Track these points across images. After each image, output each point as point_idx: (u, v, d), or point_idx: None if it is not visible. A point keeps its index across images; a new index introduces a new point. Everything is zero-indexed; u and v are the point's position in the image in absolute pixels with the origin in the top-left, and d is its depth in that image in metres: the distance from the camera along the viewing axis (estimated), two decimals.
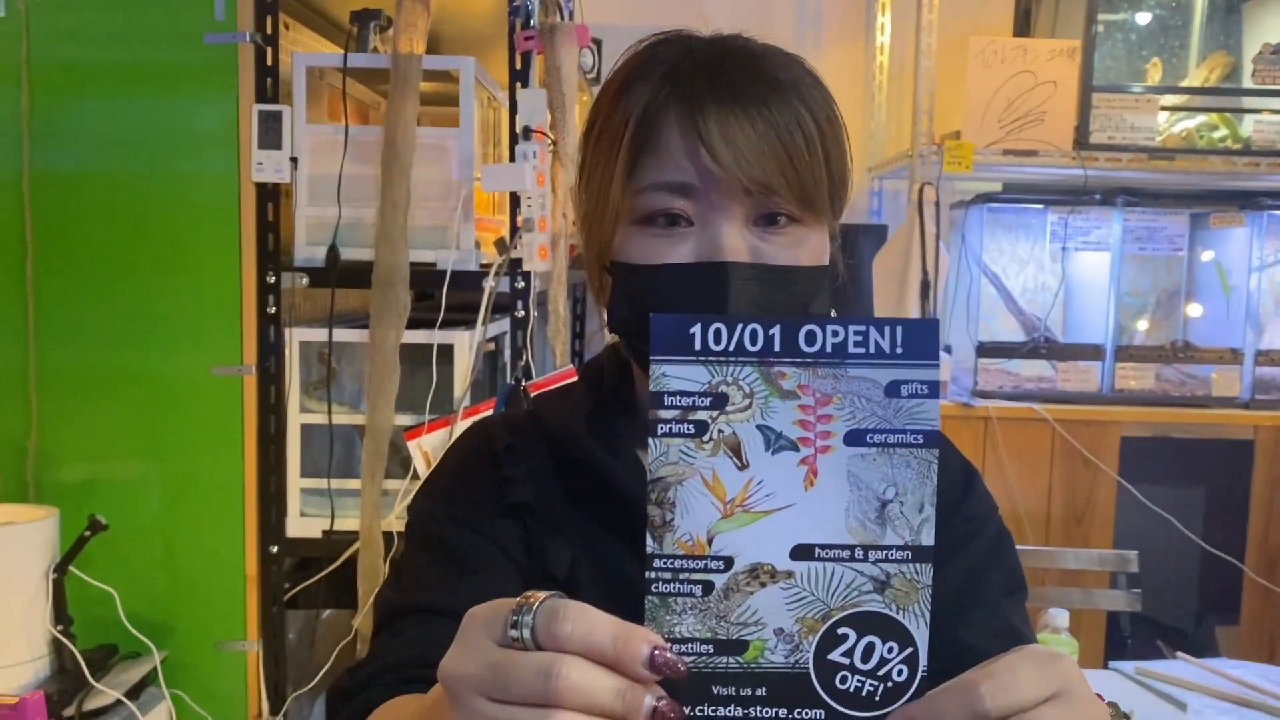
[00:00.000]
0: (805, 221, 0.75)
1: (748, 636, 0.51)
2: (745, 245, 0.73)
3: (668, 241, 0.74)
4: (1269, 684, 1.67)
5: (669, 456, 0.52)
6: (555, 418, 0.82)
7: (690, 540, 0.51)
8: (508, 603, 0.48)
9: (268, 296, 1.96)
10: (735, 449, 0.51)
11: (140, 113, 1.97)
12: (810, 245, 0.76)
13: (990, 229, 3.16)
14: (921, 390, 0.51)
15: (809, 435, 0.51)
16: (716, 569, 0.51)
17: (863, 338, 0.52)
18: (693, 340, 0.52)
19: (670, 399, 0.52)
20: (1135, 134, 2.91)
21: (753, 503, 0.51)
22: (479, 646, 0.48)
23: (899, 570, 0.51)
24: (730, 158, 0.71)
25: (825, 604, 0.51)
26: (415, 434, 1.95)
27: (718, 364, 0.52)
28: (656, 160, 0.73)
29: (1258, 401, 2.95)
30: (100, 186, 1.97)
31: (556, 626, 0.46)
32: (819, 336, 0.52)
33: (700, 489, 0.51)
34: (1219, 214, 3.01)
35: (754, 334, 0.52)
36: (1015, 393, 2.98)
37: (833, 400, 0.52)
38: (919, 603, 0.51)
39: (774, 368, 0.52)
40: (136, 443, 1.99)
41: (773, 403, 0.51)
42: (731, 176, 0.71)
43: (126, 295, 1.97)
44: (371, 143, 1.95)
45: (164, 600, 1.98)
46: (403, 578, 0.80)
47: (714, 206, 0.73)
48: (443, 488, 0.84)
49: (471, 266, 1.98)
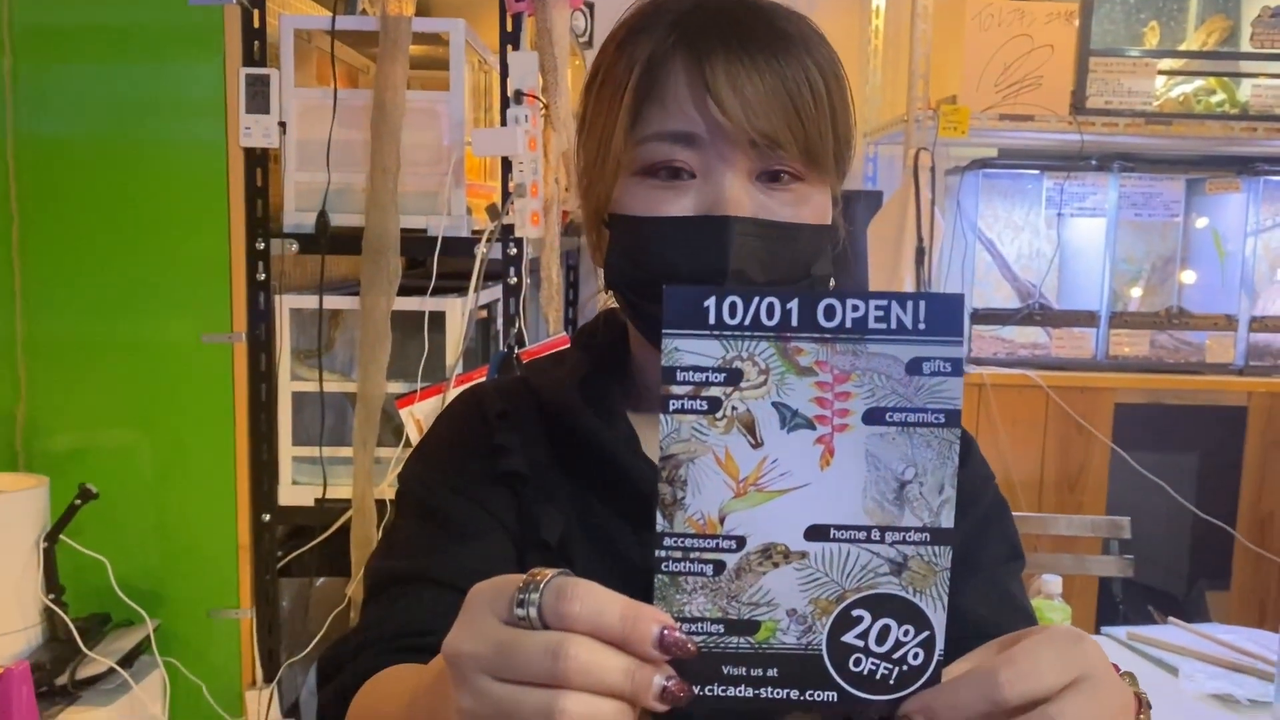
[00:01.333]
0: (809, 179, 0.73)
1: (759, 617, 0.50)
2: (748, 199, 0.71)
3: (670, 193, 0.72)
4: (1259, 648, 1.68)
5: (681, 433, 0.50)
6: (547, 384, 0.81)
7: (701, 519, 0.50)
8: (513, 580, 0.47)
9: (257, 263, 1.95)
10: (749, 426, 0.50)
11: (126, 77, 1.94)
12: (813, 204, 0.74)
13: (986, 195, 3.14)
14: (944, 368, 0.50)
15: (826, 413, 0.50)
16: (728, 548, 0.50)
17: (884, 313, 0.50)
18: (707, 313, 0.50)
19: (683, 374, 0.50)
20: (1132, 98, 2.89)
21: (766, 482, 0.50)
22: (484, 625, 0.47)
23: (917, 553, 0.50)
24: (738, 109, 0.69)
25: (840, 585, 0.50)
26: (407, 401, 1.94)
27: (732, 338, 0.50)
28: (661, 109, 0.72)
29: (1251, 368, 2.95)
30: (86, 152, 1.95)
31: (564, 605, 0.45)
32: (839, 311, 0.50)
33: (713, 467, 0.50)
34: (1215, 179, 3.00)
35: (770, 308, 0.50)
36: (1009, 359, 2.97)
37: (851, 377, 0.50)
38: (937, 585, 0.50)
39: (791, 343, 0.50)
40: (126, 411, 1.97)
41: (789, 379, 0.50)
42: (738, 128, 0.69)
43: (114, 262, 1.95)
44: (361, 107, 1.92)
45: (156, 569, 1.98)
46: (393, 545, 0.79)
47: (718, 158, 0.71)
48: (434, 454, 0.83)
49: (463, 233, 1.96)
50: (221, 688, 1.99)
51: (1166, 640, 1.76)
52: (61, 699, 1.70)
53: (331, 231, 1.94)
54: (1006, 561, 0.81)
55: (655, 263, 0.72)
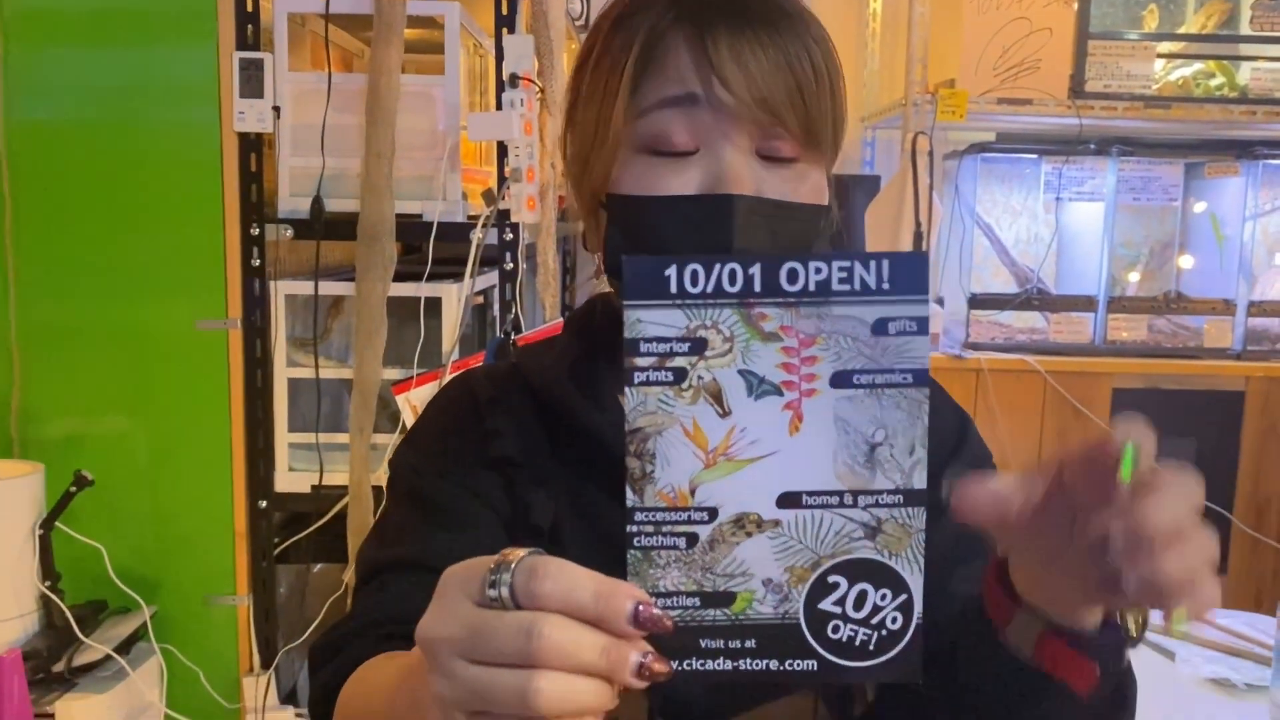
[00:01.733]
0: (806, 158, 0.73)
1: (735, 588, 0.50)
2: (750, 175, 0.70)
3: (670, 168, 0.71)
4: (1256, 633, 1.68)
5: (647, 406, 0.49)
6: (538, 368, 0.81)
7: (672, 492, 0.50)
8: (485, 561, 0.47)
9: (251, 249, 1.94)
10: (716, 396, 0.49)
11: (118, 61, 1.92)
12: (811, 183, 0.73)
13: (984, 179, 3.13)
14: (910, 327, 0.49)
15: (793, 379, 0.49)
16: (700, 520, 0.50)
17: (847, 274, 0.49)
18: (668, 283, 0.49)
19: (646, 345, 0.49)
20: (1131, 82, 2.87)
21: (736, 451, 0.49)
22: (456, 607, 0.46)
23: (890, 515, 0.50)
24: (741, 80, 0.68)
25: (814, 552, 0.50)
26: (404, 388, 1.93)
27: (695, 307, 0.49)
28: (661, 78, 0.71)
29: (1249, 352, 2.94)
30: (79, 137, 1.94)
31: (536, 584, 0.45)
32: (801, 274, 0.49)
33: (681, 439, 0.49)
34: (1214, 163, 2.99)
35: (733, 274, 0.49)
36: (1007, 344, 2.97)
37: (817, 341, 0.49)
38: (912, 548, 0.50)
39: (755, 309, 0.49)
40: (121, 397, 1.97)
41: (754, 346, 0.49)
42: (740, 99, 0.69)
43: (108, 248, 1.94)
44: (355, 91, 1.91)
45: (153, 555, 1.98)
46: (384, 533, 0.79)
47: (719, 132, 0.70)
48: (425, 441, 0.82)
49: (458, 218, 1.95)
50: (219, 674, 1.99)
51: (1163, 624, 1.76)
52: (58, 686, 1.70)
53: (326, 217, 1.93)
54: None
55: (657, 243, 0.71)
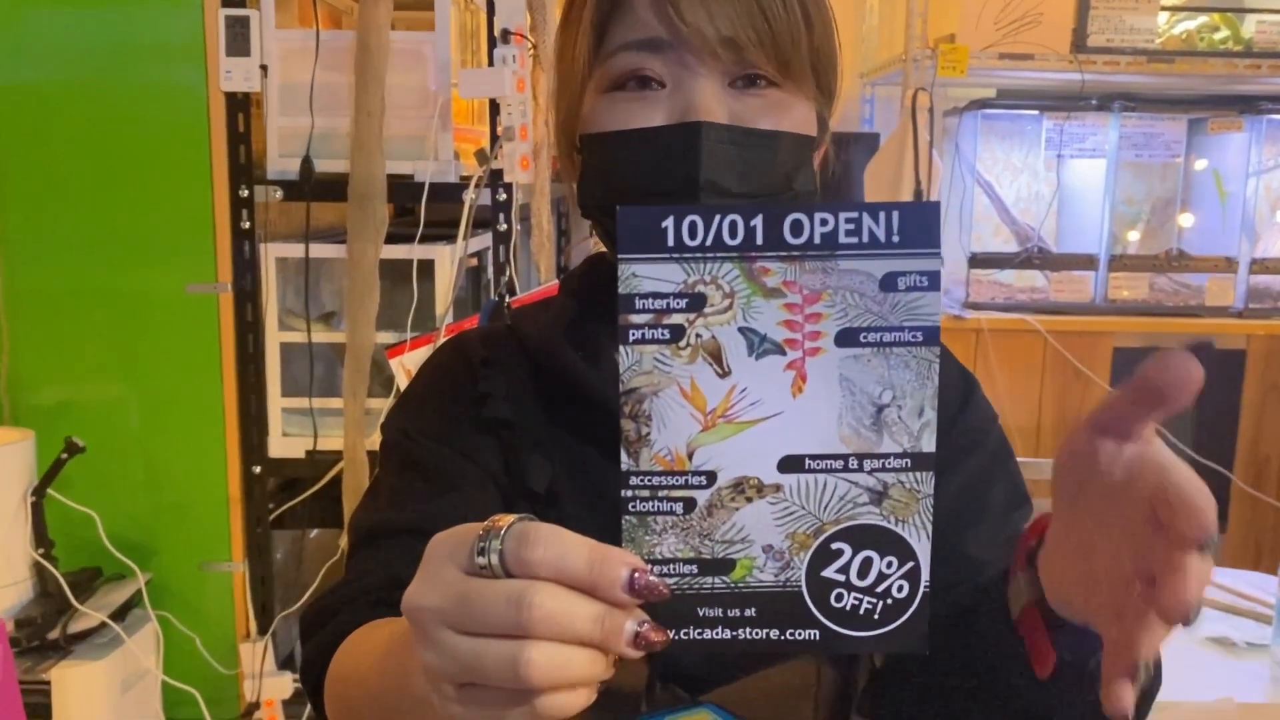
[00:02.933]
0: (785, 87, 0.70)
1: (734, 555, 0.48)
2: (721, 108, 0.68)
3: (639, 105, 0.69)
4: (1257, 591, 1.68)
5: (642, 365, 0.47)
6: (533, 330, 0.79)
7: (669, 455, 0.47)
8: (473, 528, 0.45)
9: (241, 211, 1.91)
10: (715, 355, 0.47)
11: (101, 21, 1.89)
12: (795, 114, 0.71)
13: (984, 136, 3.10)
14: (921, 282, 0.47)
15: (796, 337, 0.47)
16: (698, 484, 0.48)
17: (855, 226, 0.47)
18: (665, 235, 0.47)
19: (642, 301, 0.47)
20: (1135, 35, 2.83)
21: (736, 412, 0.47)
22: (444, 576, 0.44)
23: (897, 479, 0.47)
24: (700, 13, 0.67)
25: (817, 518, 0.48)
26: (397, 352, 1.91)
27: (694, 261, 0.47)
28: (626, 22, 0.70)
29: (1251, 310, 2.92)
30: (62, 99, 1.91)
31: (527, 551, 0.43)
32: (806, 226, 0.47)
33: (678, 399, 0.47)
34: (1217, 119, 2.95)
35: (734, 226, 0.47)
36: (1007, 304, 2.95)
37: (822, 297, 0.47)
38: (920, 514, 0.48)
39: (756, 263, 0.47)
40: (112, 363, 1.95)
41: (755, 302, 0.47)
42: (699, 33, 0.67)
43: (95, 212, 1.92)
44: (344, 49, 1.87)
45: (147, 522, 1.97)
46: (377, 497, 0.78)
47: (686, 67, 0.68)
48: (418, 404, 0.81)
49: (451, 178, 1.92)
50: (215, 640, 1.98)
51: None
52: (53, 653, 1.69)
53: (316, 178, 1.90)
54: (1014, 507, 0.79)
55: (625, 178, 0.70)
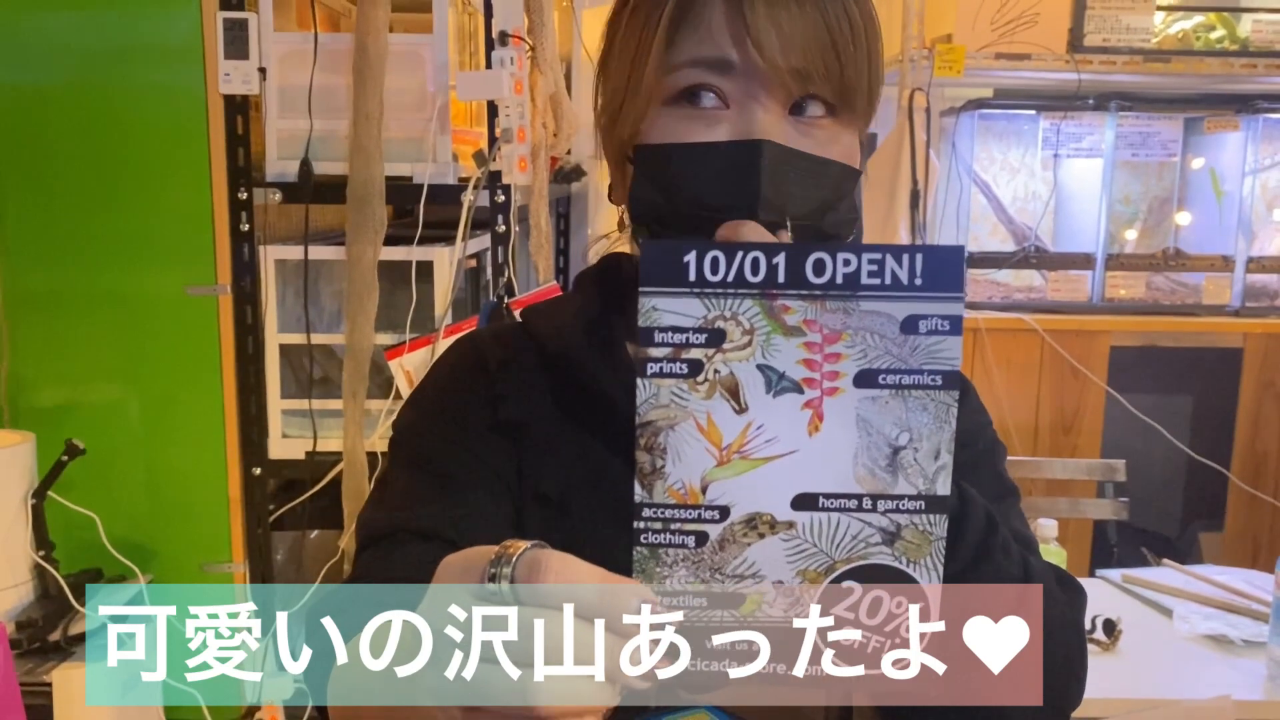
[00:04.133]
0: (840, 119, 0.71)
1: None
2: (781, 133, 0.69)
3: (701, 121, 0.70)
4: (1253, 589, 1.68)
5: (659, 399, 0.47)
6: (548, 330, 0.79)
7: (682, 488, 0.48)
8: (485, 551, 0.45)
9: (240, 213, 1.91)
10: (733, 391, 0.47)
11: (100, 23, 1.89)
12: (843, 144, 0.72)
13: (981, 136, 3.10)
14: (942, 326, 0.47)
15: (815, 376, 0.47)
16: (711, 519, 0.48)
17: (878, 267, 0.47)
18: (687, 269, 0.47)
19: (661, 335, 0.47)
20: (1131, 35, 2.83)
21: (751, 449, 0.47)
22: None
23: (910, 521, 0.48)
24: (775, 44, 0.67)
25: (829, 556, 0.48)
26: (396, 353, 1.91)
27: (715, 296, 0.47)
28: (696, 36, 0.69)
29: (1248, 309, 2.93)
30: (61, 102, 1.91)
31: (537, 579, 0.43)
32: (828, 266, 0.47)
33: (694, 434, 0.47)
34: (1213, 118, 2.96)
35: (755, 263, 0.47)
36: (1005, 303, 2.95)
37: (842, 337, 0.47)
38: (931, 555, 0.48)
39: (777, 301, 0.47)
40: (112, 365, 1.95)
41: (775, 340, 0.47)
42: (774, 63, 0.67)
43: (95, 214, 1.92)
44: (342, 51, 1.87)
45: (147, 523, 1.97)
46: (386, 496, 0.77)
47: (752, 92, 0.69)
48: (430, 402, 0.80)
49: (449, 180, 1.92)
50: None
51: (1161, 582, 1.76)
52: (54, 656, 1.69)
53: (315, 180, 1.91)
54: (1000, 498, 0.80)
55: (685, 191, 0.70)
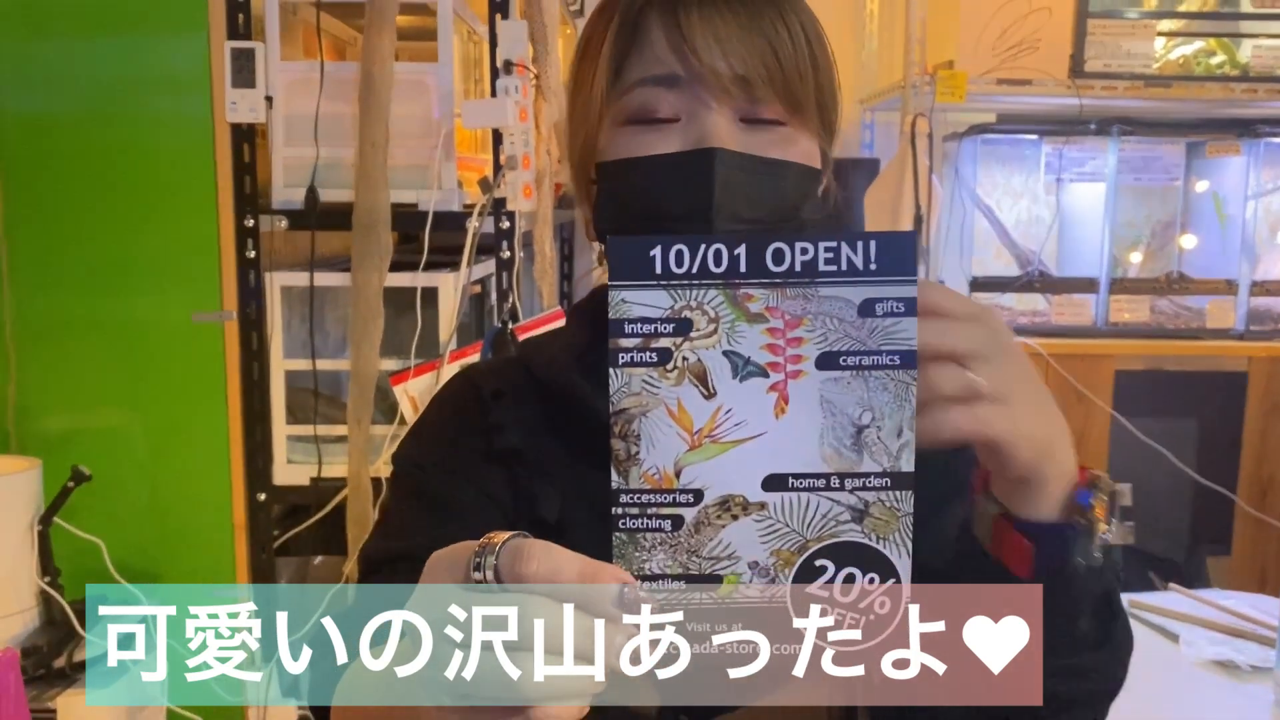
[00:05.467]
0: (792, 124, 0.73)
1: (721, 571, 0.50)
2: (733, 140, 0.71)
3: (654, 135, 0.72)
4: (1260, 614, 1.68)
5: (631, 387, 0.49)
6: (543, 361, 0.80)
7: (657, 473, 0.49)
8: (470, 544, 0.46)
9: (246, 240, 1.93)
10: (701, 377, 0.49)
11: (109, 52, 1.92)
12: (800, 147, 0.74)
13: (984, 161, 3.11)
14: (897, 309, 0.49)
15: (779, 360, 0.49)
16: (685, 502, 0.49)
17: (834, 254, 0.49)
18: (653, 263, 0.49)
19: (631, 326, 0.49)
20: (1132, 61, 2.85)
21: (721, 432, 0.49)
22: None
23: (878, 498, 0.49)
24: (714, 51, 0.70)
25: (801, 535, 0.50)
26: (401, 379, 1.92)
27: (680, 288, 0.49)
28: (640, 58, 0.72)
29: (1252, 332, 2.93)
30: (71, 129, 1.93)
31: (521, 566, 0.44)
32: (787, 255, 0.49)
33: (665, 420, 0.49)
34: (1215, 142, 2.97)
35: (718, 254, 0.49)
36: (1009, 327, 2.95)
37: (803, 322, 0.49)
38: (900, 531, 0.49)
39: (740, 290, 0.49)
40: (118, 391, 1.96)
41: (739, 327, 0.49)
42: (713, 71, 0.70)
43: (102, 241, 1.94)
44: (348, 80, 1.89)
45: (152, 549, 1.97)
46: (387, 526, 0.79)
47: (700, 102, 0.71)
48: (428, 435, 0.82)
49: (454, 207, 1.94)
50: None
51: (1167, 607, 1.75)
52: (59, 682, 1.69)
53: (321, 207, 1.92)
54: None
55: (641, 203, 0.72)
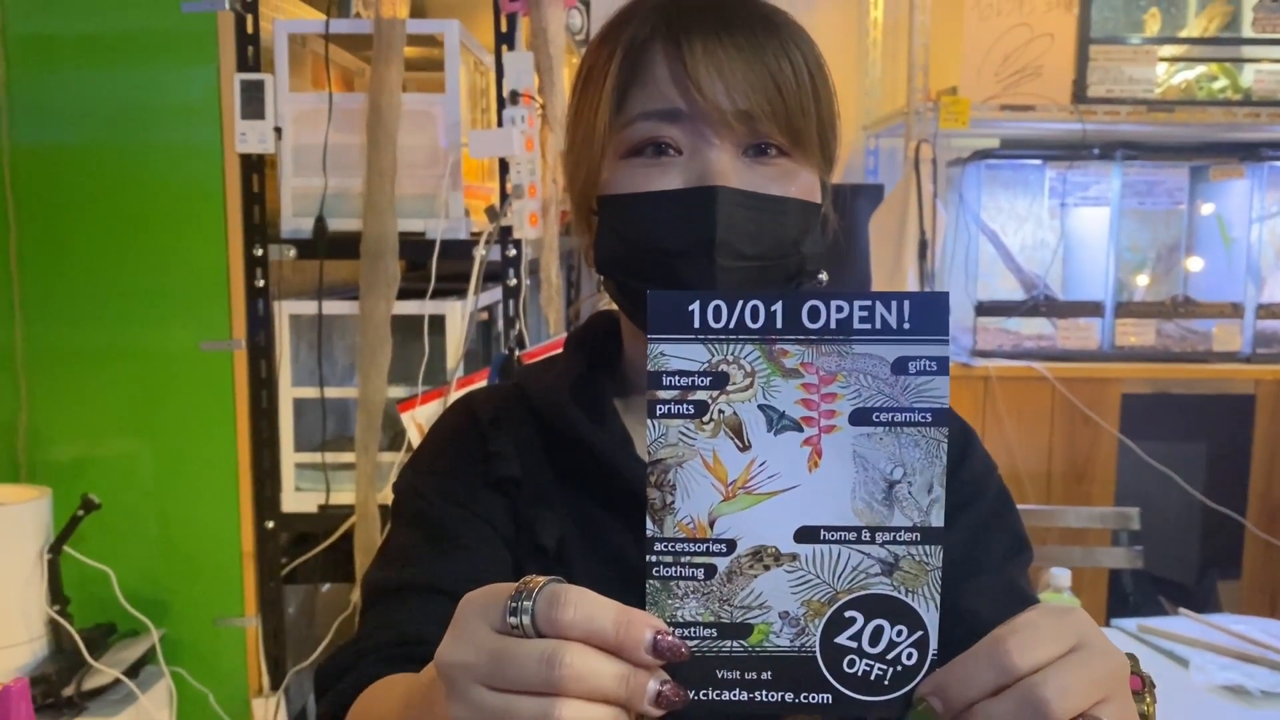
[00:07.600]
0: (794, 157, 0.74)
1: (752, 620, 0.51)
2: (735, 175, 0.72)
3: (656, 170, 0.73)
4: (1270, 638, 1.67)
5: (668, 438, 0.50)
6: (539, 389, 0.81)
7: (691, 523, 0.50)
8: (505, 588, 0.47)
9: (255, 270, 1.94)
10: (736, 430, 0.50)
11: (120, 84, 1.93)
12: (801, 181, 0.74)
13: (988, 186, 3.13)
14: (930, 367, 0.50)
15: (813, 415, 0.50)
16: (719, 552, 0.50)
17: (869, 313, 0.50)
18: (691, 318, 0.50)
19: (669, 379, 0.50)
20: (1134, 86, 2.87)
21: (755, 484, 0.50)
22: (477, 634, 0.47)
23: (907, 552, 0.50)
24: (717, 86, 0.70)
25: (831, 587, 0.51)
26: (409, 406, 1.93)
27: (718, 342, 0.50)
28: (643, 91, 0.73)
29: (1259, 355, 2.93)
30: (81, 160, 1.94)
31: (557, 613, 0.45)
32: (823, 312, 0.50)
33: (701, 471, 0.50)
34: (1219, 166, 2.98)
35: (755, 311, 0.50)
36: (1015, 351, 2.96)
37: (837, 378, 0.50)
38: (928, 585, 0.50)
39: (776, 345, 0.50)
40: (128, 420, 1.97)
41: (775, 381, 0.50)
42: (716, 106, 0.70)
43: (112, 271, 1.95)
44: (356, 110, 1.91)
45: (161, 578, 1.98)
46: (389, 555, 0.80)
47: (702, 136, 0.72)
48: (428, 463, 0.83)
49: (461, 235, 1.95)
50: (228, 696, 1.98)
51: (1177, 632, 1.74)
52: (68, 711, 1.69)
53: (330, 236, 1.94)
54: (1014, 556, 0.80)
55: (643, 238, 0.73)
